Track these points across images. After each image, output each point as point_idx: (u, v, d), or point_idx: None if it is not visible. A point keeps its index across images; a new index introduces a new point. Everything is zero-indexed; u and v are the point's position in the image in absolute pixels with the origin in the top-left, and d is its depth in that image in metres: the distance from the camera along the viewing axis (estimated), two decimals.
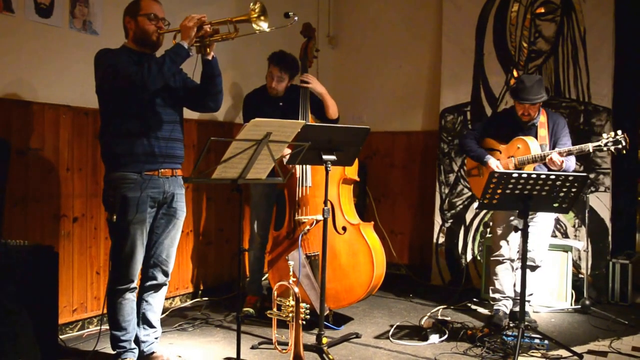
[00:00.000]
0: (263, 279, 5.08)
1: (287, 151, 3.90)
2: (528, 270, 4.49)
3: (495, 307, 4.67)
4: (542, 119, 4.54)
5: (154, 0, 3.51)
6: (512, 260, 4.64)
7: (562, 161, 4.26)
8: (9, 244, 3.32)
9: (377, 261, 4.38)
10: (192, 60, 3.47)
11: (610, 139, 4.14)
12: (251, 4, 3.37)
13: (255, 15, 3.35)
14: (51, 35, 4.10)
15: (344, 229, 4.46)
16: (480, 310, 5.04)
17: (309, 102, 4.71)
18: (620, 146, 4.12)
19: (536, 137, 4.49)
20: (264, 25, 3.35)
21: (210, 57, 3.53)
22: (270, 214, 4.97)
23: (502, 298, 4.64)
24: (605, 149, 4.16)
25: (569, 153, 4.26)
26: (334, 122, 4.93)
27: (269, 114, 4.28)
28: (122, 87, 3.29)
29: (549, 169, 4.40)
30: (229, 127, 5.53)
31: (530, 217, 4.48)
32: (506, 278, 4.65)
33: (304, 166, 4.50)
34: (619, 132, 4.15)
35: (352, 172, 4.55)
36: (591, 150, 4.20)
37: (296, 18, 3.94)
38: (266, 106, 4.73)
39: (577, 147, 4.25)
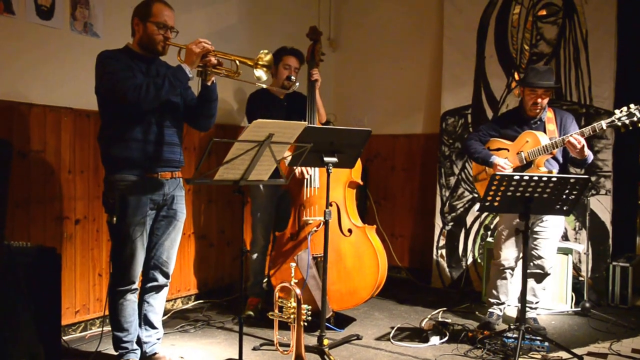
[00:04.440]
0: (264, 280, 5.07)
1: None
2: (536, 281, 4.50)
3: (489, 310, 4.66)
4: (549, 114, 4.48)
5: (166, 6, 3.48)
6: (512, 269, 4.59)
7: (582, 143, 4.09)
8: (12, 245, 3.32)
9: (381, 264, 4.42)
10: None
11: (624, 113, 4.00)
12: (263, 52, 3.44)
13: (261, 63, 3.42)
14: (52, 37, 4.11)
15: (350, 231, 4.47)
16: (481, 311, 5.03)
17: (316, 104, 4.71)
18: (635, 119, 3.97)
19: (544, 132, 4.41)
20: (263, 76, 3.45)
21: (209, 83, 3.53)
22: (273, 216, 4.95)
23: (497, 303, 4.63)
24: (619, 124, 4.01)
25: (582, 134, 4.10)
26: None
27: (275, 114, 4.42)
28: (116, 100, 3.30)
29: (567, 158, 4.37)
30: (232, 130, 5.53)
31: (539, 220, 4.46)
32: (503, 287, 4.61)
33: (313, 168, 4.52)
34: (632, 105, 4.01)
35: (357, 175, 4.58)
36: (604, 128, 4.05)
37: (297, 84, 4.39)
38: (272, 106, 4.74)
39: (589, 127, 4.09)
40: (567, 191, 3.66)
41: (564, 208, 3.79)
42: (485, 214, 5.77)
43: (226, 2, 5.55)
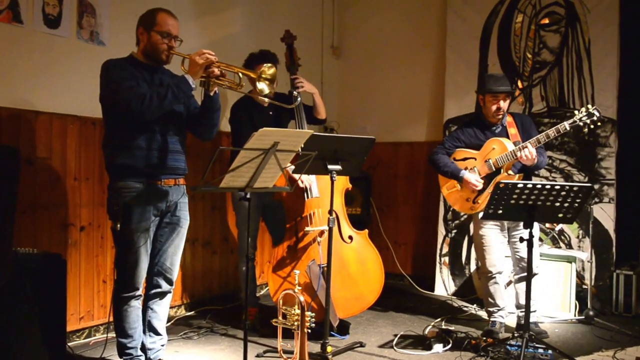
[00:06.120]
0: (263, 291, 5.04)
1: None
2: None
3: (491, 319, 4.65)
4: (508, 119, 4.58)
5: (170, 16, 3.51)
6: (500, 273, 4.60)
7: (534, 155, 4.23)
8: (18, 251, 3.35)
9: (382, 267, 4.48)
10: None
11: (584, 113, 4.15)
12: (266, 65, 3.47)
13: (264, 77, 3.44)
14: (59, 45, 4.15)
15: (350, 237, 4.49)
16: (484, 318, 5.03)
17: (304, 112, 4.69)
18: (595, 118, 4.13)
19: (507, 137, 4.49)
20: (265, 90, 3.47)
21: (212, 93, 3.55)
22: (259, 225, 4.95)
23: (497, 310, 4.63)
24: (581, 124, 4.16)
25: (547, 136, 4.21)
26: (322, 122, 5.06)
27: (260, 123, 4.30)
28: (120, 109, 3.32)
29: (523, 166, 4.41)
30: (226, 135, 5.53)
31: (516, 225, 4.51)
32: (498, 292, 4.61)
33: (310, 177, 4.51)
34: (590, 105, 4.19)
35: (348, 181, 4.62)
36: (567, 129, 4.17)
37: (299, 99, 4.38)
38: (256, 115, 4.69)
39: (553, 129, 4.21)
40: (570, 199, 3.67)
41: (567, 216, 3.80)
42: None
43: (228, 11, 5.58)
